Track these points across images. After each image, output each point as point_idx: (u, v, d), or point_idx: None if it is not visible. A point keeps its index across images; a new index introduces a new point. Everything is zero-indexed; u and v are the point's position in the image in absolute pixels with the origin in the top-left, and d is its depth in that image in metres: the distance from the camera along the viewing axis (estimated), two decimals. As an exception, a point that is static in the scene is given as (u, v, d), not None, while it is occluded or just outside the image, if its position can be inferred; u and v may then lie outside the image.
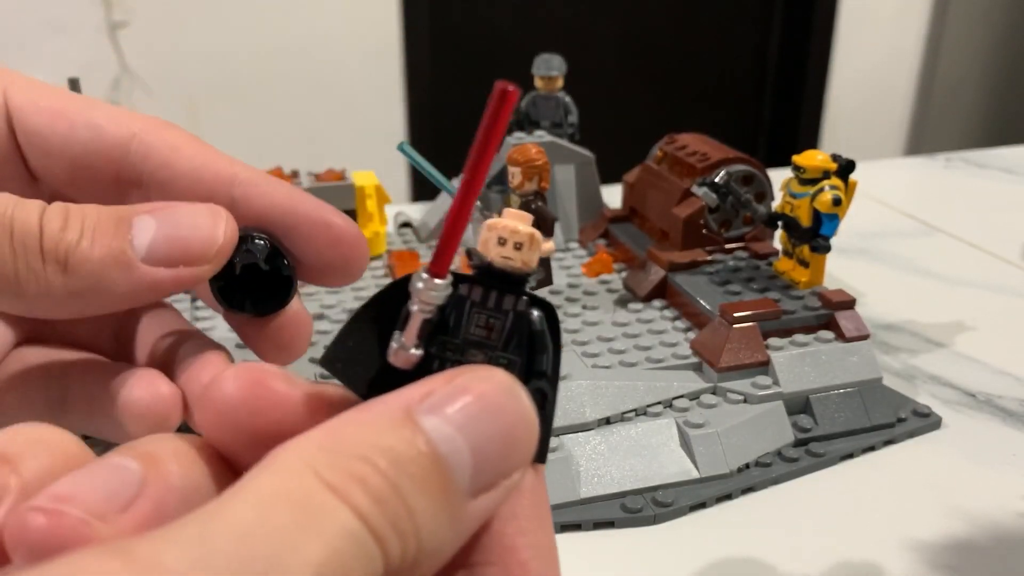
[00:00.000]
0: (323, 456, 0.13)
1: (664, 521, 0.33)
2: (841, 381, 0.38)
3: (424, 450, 0.13)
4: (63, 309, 0.20)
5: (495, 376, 0.14)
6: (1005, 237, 0.62)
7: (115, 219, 0.20)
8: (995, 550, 0.32)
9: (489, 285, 0.16)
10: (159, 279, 0.20)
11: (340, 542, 0.12)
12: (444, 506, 0.13)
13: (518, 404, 0.14)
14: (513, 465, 0.14)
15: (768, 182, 0.46)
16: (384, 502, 0.12)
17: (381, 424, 0.13)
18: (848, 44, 1.98)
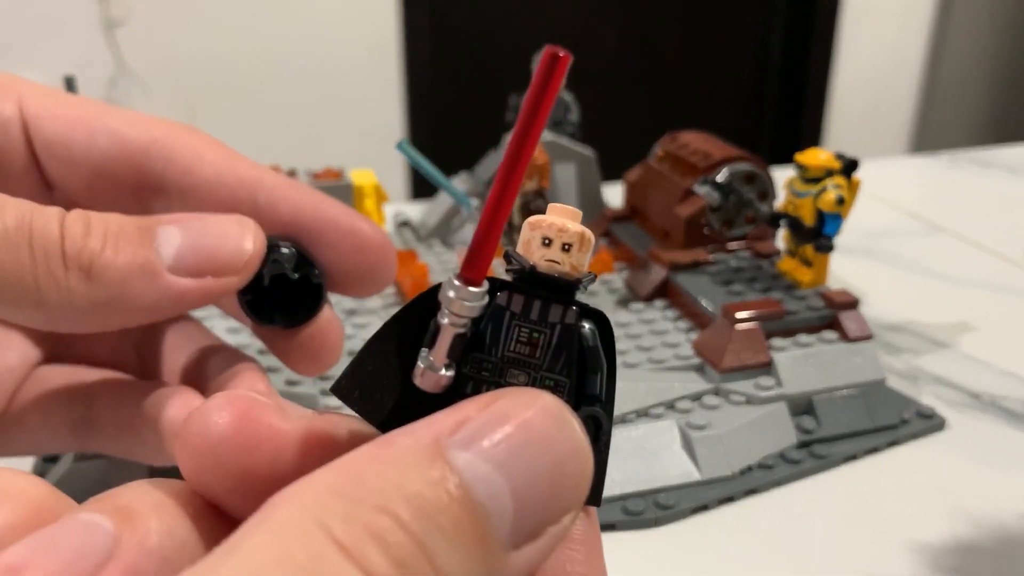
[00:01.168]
0: (334, 506, 0.11)
1: (666, 524, 0.33)
2: (844, 382, 0.38)
3: (456, 495, 0.11)
4: (86, 321, 0.19)
5: (541, 401, 0.12)
6: (1010, 237, 0.61)
7: (139, 227, 0.19)
8: (999, 552, 0.32)
9: (532, 294, 0.14)
10: (186, 290, 0.19)
11: None
12: (480, 562, 0.11)
13: (569, 435, 0.12)
14: (562, 509, 0.12)
15: (771, 181, 0.46)
16: (407, 566, 0.10)
17: (405, 462, 0.11)
18: (852, 42, 1.98)
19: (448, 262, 0.49)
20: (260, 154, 0.79)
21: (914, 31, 2.01)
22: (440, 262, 0.49)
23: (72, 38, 1.47)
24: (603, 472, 0.14)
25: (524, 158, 0.13)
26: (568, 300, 0.14)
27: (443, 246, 0.52)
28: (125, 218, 0.19)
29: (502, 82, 0.78)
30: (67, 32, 1.47)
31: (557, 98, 0.52)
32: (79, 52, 1.47)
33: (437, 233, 0.52)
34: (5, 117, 0.22)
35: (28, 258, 0.18)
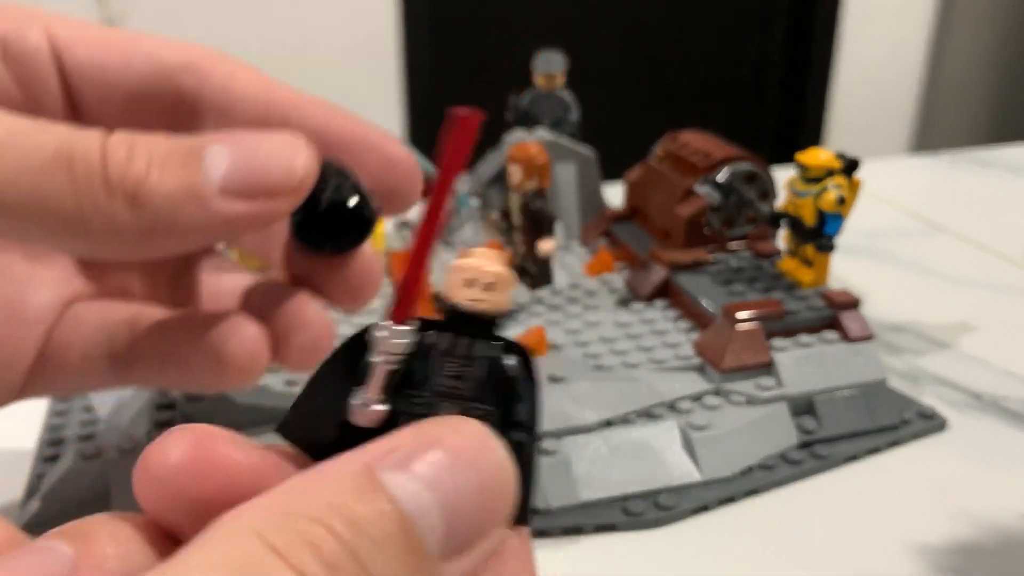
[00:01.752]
0: (270, 519, 0.12)
1: (666, 524, 0.33)
2: (845, 382, 0.38)
3: (387, 509, 0.12)
4: (133, 249, 0.18)
5: (466, 427, 0.13)
6: (1011, 237, 0.61)
7: (185, 149, 0.18)
8: (1000, 553, 0.32)
9: (458, 331, 0.15)
10: (236, 214, 0.18)
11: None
12: (411, 571, 0.12)
13: (493, 455, 0.13)
14: (491, 524, 0.13)
15: (771, 181, 0.45)
16: (338, 568, 0.11)
17: (338, 484, 0.12)
18: (852, 41, 1.98)
19: (447, 261, 0.49)
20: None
21: (915, 31, 2.01)
22: (439, 262, 0.49)
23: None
24: (530, 493, 0.15)
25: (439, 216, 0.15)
26: (491, 335, 0.15)
27: (442, 245, 0.52)
28: (171, 139, 0.18)
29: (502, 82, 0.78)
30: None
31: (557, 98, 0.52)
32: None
33: (437, 233, 0.52)
34: (33, 46, 0.21)
35: (69, 186, 0.17)
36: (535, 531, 0.32)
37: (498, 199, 0.51)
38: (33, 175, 0.17)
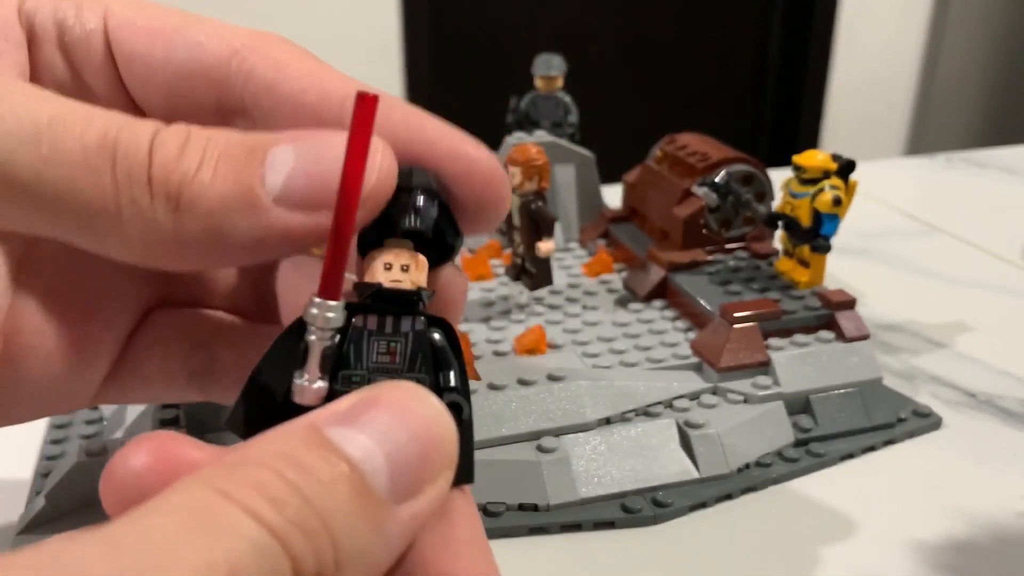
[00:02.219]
0: (221, 470, 0.12)
1: (664, 521, 0.33)
2: (841, 381, 0.38)
3: (333, 456, 0.13)
4: (176, 257, 0.16)
5: (403, 385, 0.14)
6: (1006, 237, 0.61)
7: (248, 148, 0.16)
8: (996, 550, 0.32)
9: (384, 311, 0.16)
10: (293, 227, 0.16)
11: (234, 545, 0.11)
12: (362, 510, 0.13)
13: (430, 406, 0.14)
14: (436, 469, 0.14)
15: (768, 182, 0.46)
16: (287, 505, 0.12)
17: (285, 439, 0.13)
18: (848, 44, 1.98)
19: (448, 263, 0.50)
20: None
21: (911, 34, 2.01)
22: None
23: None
24: (470, 452, 0.16)
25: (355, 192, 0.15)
26: (415, 311, 0.16)
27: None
28: (235, 136, 0.16)
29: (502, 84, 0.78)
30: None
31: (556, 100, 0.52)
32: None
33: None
34: (89, 30, 0.19)
35: (110, 180, 0.15)
36: (534, 528, 0.33)
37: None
38: (72, 166, 0.15)
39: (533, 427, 0.34)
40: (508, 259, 0.44)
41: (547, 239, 0.40)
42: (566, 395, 0.35)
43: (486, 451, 0.33)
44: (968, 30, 2.00)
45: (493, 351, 0.39)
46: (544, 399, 0.35)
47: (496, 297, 0.45)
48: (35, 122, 0.15)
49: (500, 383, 0.35)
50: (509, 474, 0.33)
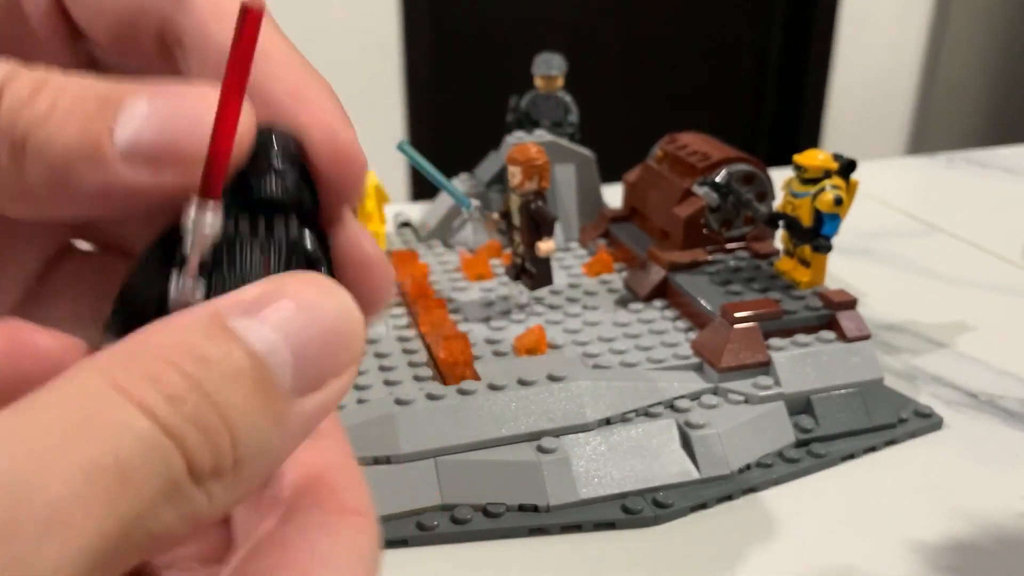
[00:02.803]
0: (115, 360, 0.12)
1: (665, 522, 0.33)
2: (842, 381, 0.38)
3: (236, 348, 0.12)
4: (15, 205, 0.15)
5: (312, 276, 0.13)
6: (1007, 237, 0.61)
7: (101, 96, 0.15)
8: (997, 551, 0.32)
9: (255, 215, 0.16)
10: (137, 184, 0.15)
11: (123, 443, 0.11)
12: (263, 403, 0.12)
13: (339, 299, 0.13)
14: (341, 363, 0.13)
15: (769, 182, 0.46)
16: (182, 399, 0.11)
17: (186, 328, 0.12)
18: (849, 43, 1.98)
19: (449, 262, 0.50)
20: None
21: (912, 33, 2.01)
22: (440, 262, 0.50)
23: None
24: None
25: (243, 76, 0.14)
26: (286, 212, 0.16)
27: (443, 246, 0.52)
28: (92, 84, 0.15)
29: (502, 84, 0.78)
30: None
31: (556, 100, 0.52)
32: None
33: (437, 234, 0.53)
34: None
35: None
36: (534, 529, 0.32)
37: (498, 200, 0.51)
38: None
39: (533, 427, 0.34)
40: (508, 259, 0.43)
41: (547, 239, 0.40)
42: (566, 395, 0.35)
43: (486, 452, 0.33)
44: (969, 30, 2.00)
45: (493, 351, 0.39)
46: (544, 399, 0.35)
47: (496, 297, 0.45)
48: None
49: (500, 383, 0.35)
50: (509, 475, 0.33)
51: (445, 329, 0.39)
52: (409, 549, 0.32)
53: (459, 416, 0.34)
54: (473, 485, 0.33)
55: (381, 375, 0.37)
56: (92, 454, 0.11)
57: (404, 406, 0.34)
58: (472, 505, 0.33)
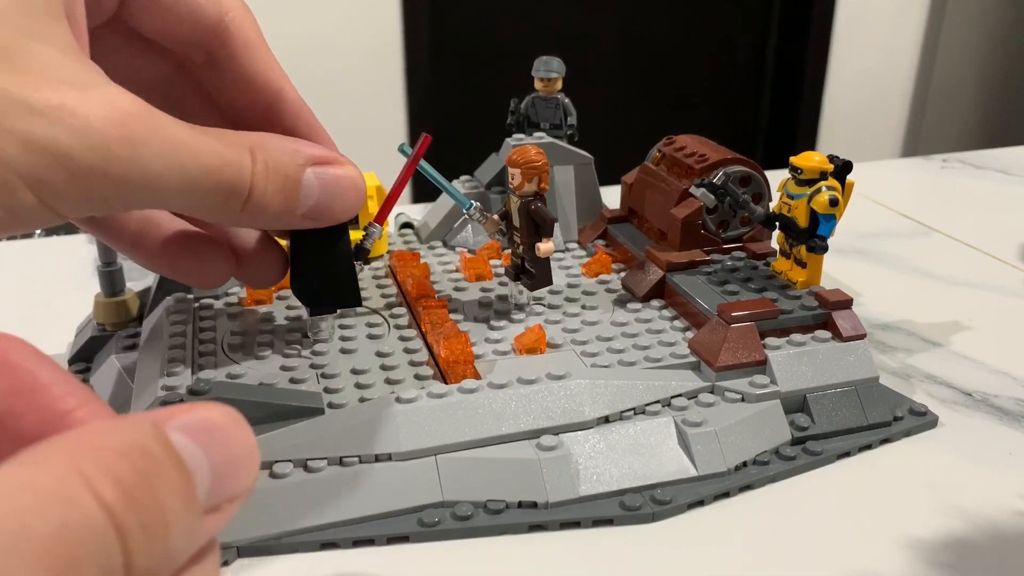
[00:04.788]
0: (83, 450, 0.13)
1: (662, 519, 0.34)
2: (838, 380, 0.38)
3: (175, 457, 0.14)
4: (238, 225, 0.32)
5: (230, 411, 0.15)
6: (1002, 238, 0.62)
7: (292, 181, 0.27)
8: (992, 548, 0.32)
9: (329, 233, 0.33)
10: (301, 225, 0.29)
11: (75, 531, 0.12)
12: (188, 512, 0.14)
13: (248, 436, 0.15)
14: (239, 491, 0.15)
15: (766, 183, 0.46)
16: (135, 500, 0.13)
17: (137, 430, 0.14)
18: (845, 46, 1.99)
19: (449, 263, 0.50)
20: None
21: (907, 35, 2.02)
22: (441, 263, 0.50)
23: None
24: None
25: (405, 179, 0.29)
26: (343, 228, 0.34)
27: (445, 248, 0.52)
28: (286, 170, 0.27)
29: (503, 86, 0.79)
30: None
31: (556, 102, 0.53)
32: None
33: (438, 235, 0.53)
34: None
35: (221, 205, 0.25)
36: (533, 525, 0.33)
37: (498, 201, 0.52)
38: (191, 187, 0.24)
39: (533, 425, 0.34)
40: (508, 260, 0.44)
41: (546, 240, 0.41)
42: (566, 394, 0.35)
43: (487, 449, 0.34)
44: (964, 32, 2.01)
45: (493, 350, 0.40)
46: (544, 398, 0.35)
47: (496, 297, 0.45)
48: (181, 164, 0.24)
49: (500, 382, 0.35)
50: (509, 472, 0.33)
51: (446, 328, 0.40)
52: (411, 545, 0.32)
53: (460, 414, 0.34)
54: (474, 482, 0.33)
55: (383, 374, 0.37)
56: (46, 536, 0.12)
57: (405, 404, 0.34)
58: (473, 502, 0.33)
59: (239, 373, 0.37)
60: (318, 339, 0.40)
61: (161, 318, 0.41)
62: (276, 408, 0.33)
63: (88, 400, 0.16)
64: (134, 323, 0.43)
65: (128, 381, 0.39)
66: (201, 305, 0.44)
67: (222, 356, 0.39)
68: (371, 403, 0.35)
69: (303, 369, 0.37)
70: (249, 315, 0.43)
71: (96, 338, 0.43)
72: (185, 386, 0.35)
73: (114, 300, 0.43)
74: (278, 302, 0.44)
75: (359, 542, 0.32)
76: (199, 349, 0.39)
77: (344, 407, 0.35)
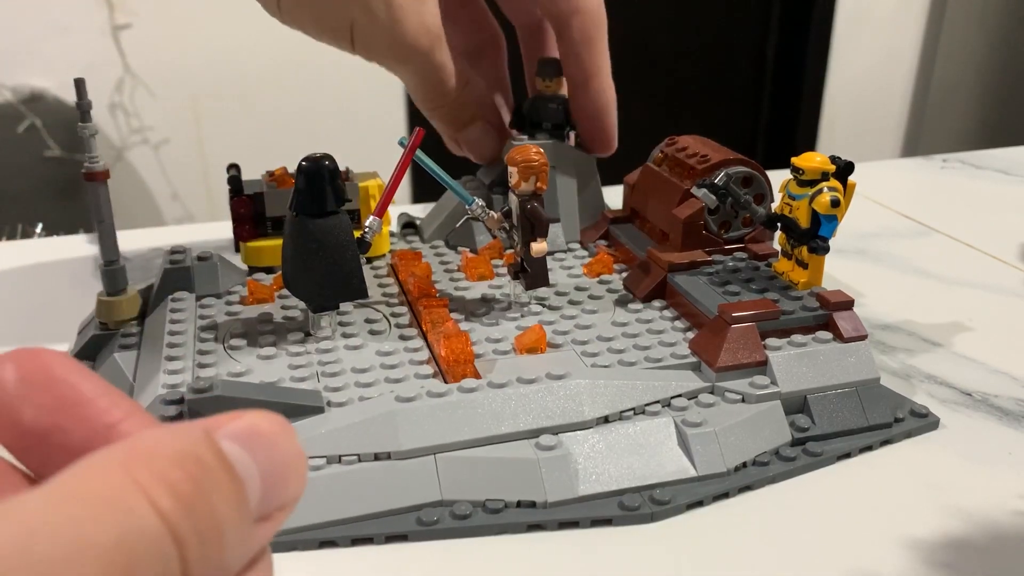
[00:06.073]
0: (136, 458, 0.13)
1: (661, 519, 0.34)
2: (839, 381, 0.38)
3: (227, 465, 0.14)
4: None
5: (274, 416, 0.15)
6: (1001, 237, 0.62)
7: None
8: (992, 548, 0.32)
9: None
10: None
11: (132, 539, 0.12)
12: (242, 520, 0.14)
13: (296, 444, 0.15)
14: (290, 499, 0.15)
15: (768, 184, 0.46)
16: (190, 508, 0.13)
17: (190, 437, 0.14)
18: (845, 46, 1.99)
19: (451, 262, 0.50)
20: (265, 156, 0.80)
21: (907, 35, 2.02)
22: (443, 262, 0.50)
23: (80, 42, 1.48)
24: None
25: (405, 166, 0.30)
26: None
27: (446, 247, 0.52)
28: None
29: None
30: (75, 36, 1.48)
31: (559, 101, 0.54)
32: (87, 56, 1.48)
33: (440, 234, 0.53)
34: None
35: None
36: (532, 525, 0.33)
37: (501, 201, 0.52)
38: None
39: (532, 425, 0.34)
40: (510, 259, 0.44)
41: (540, 240, 0.41)
42: (565, 394, 0.35)
43: (486, 448, 0.34)
44: (964, 33, 2.00)
45: (493, 350, 0.40)
46: (543, 397, 0.35)
47: (497, 296, 0.45)
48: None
49: (500, 381, 0.35)
50: (508, 471, 0.33)
51: (446, 328, 0.40)
52: (409, 544, 0.32)
53: (459, 413, 0.34)
54: (473, 481, 0.33)
55: (383, 372, 0.37)
56: (105, 545, 0.12)
57: (405, 403, 0.34)
58: (472, 501, 0.33)
59: (240, 371, 0.37)
60: (319, 337, 0.40)
61: (163, 316, 0.41)
62: (276, 406, 0.33)
63: (133, 411, 0.16)
64: (136, 321, 0.43)
65: (130, 379, 0.39)
66: (203, 303, 0.44)
67: (223, 354, 0.39)
68: (371, 402, 0.35)
69: (304, 367, 0.37)
70: (250, 313, 0.43)
71: (98, 336, 0.43)
72: (187, 384, 0.35)
73: (116, 298, 0.43)
74: (279, 300, 0.44)
75: (358, 541, 0.32)
76: (200, 347, 0.39)
77: (344, 406, 0.35)
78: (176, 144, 1.57)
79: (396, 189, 0.41)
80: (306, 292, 0.39)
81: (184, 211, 1.64)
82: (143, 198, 1.62)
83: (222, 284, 0.45)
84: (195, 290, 0.44)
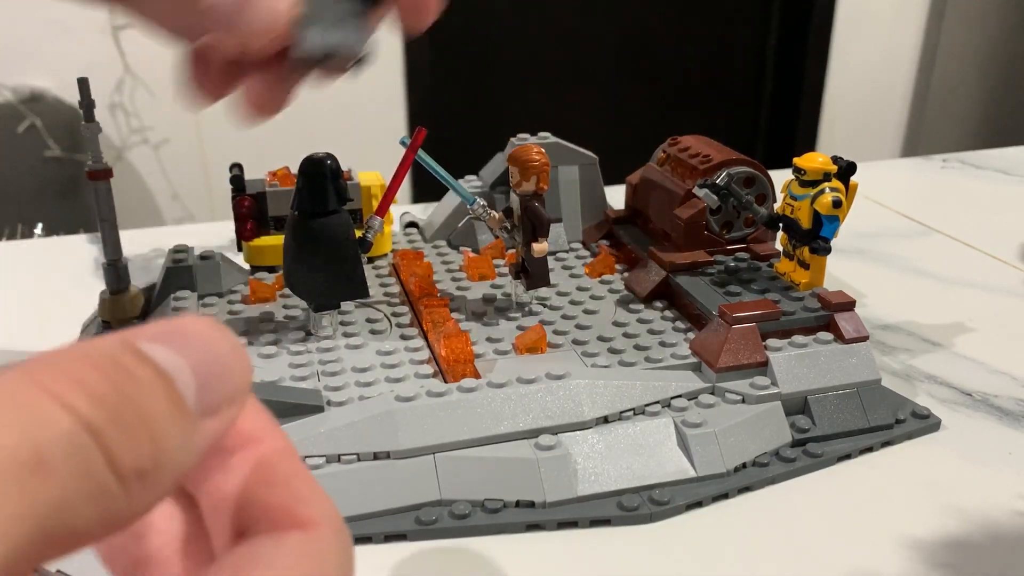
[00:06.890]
0: (44, 365, 0.12)
1: (660, 520, 0.33)
2: (839, 382, 0.38)
3: (147, 363, 0.13)
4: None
5: (202, 317, 0.15)
6: (1002, 237, 0.62)
7: None
8: (992, 548, 0.32)
9: None
10: None
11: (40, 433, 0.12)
12: (175, 414, 0.13)
13: (230, 339, 0.15)
14: (233, 392, 0.15)
15: (770, 184, 0.46)
16: (103, 399, 0.12)
17: (102, 345, 0.13)
18: (845, 46, 1.99)
19: (453, 262, 0.50)
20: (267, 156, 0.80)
21: (907, 35, 2.02)
22: (444, 262, 0.50)
23: (80, 42, 1.48)
24: None
25: (401, 176, 0.29)
26: None
27: (448, 246, 0.52)
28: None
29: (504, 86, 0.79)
30: (75, 36, 1.47)
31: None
32: (87, 56, 1.47)
33: (442, 234, 0.53)
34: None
35: None
36: (531, 525, 0.33)
37: (503, 201, 0.52)
38: None
39: (532, 425, 0.34)
40: (512, 258, 0.44)
41: (541, 240, 0.41)
42: (565, 394, 0.35)
43: (485, 448, 0.34)
44: (964, 32, 2.00)
45: (494, 350, 0.40)
46: (543, 397, 0.35)
47: (498, 296, 0.45)
48: None
49: (500, 381, 0.35)
50: (507, 471, 0.33)
51: (447, 327, 0.40)
52: (408, 543, 0.32)
53: (459, 413, 0.34)
54: (472, 481, 0.33)
55: (383, 372, 0.37)
56: (9, 445, 0.11)
57: (405, 402, 0.34)
58: (471, 501, 0.33)
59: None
60: (321, 336, 0.40)
61: (165, 315, 0.41)
62: (276, 405, 0.33)
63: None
64: (139, 320, 0.43)
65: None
66: (205, 302, 0.44)
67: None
68: (371, 401, 0.35)
69: (304, 366, 0.37)
70: (252, 312, 0.43)
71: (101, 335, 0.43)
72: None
73: (119, 297, 0.43)
74: (281, 299, 0.44)
75: (357, 540, 0.32)
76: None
77: (344, 405, 0.35)
78: (176, 144, 1.57)
79: (398, 188, 0.40)
80: (307, 291, 0.39)
81: (184, 211, 1.64)
82: (143, 198, 1.62)
83: (224, 283, 0.45)
84: (197, 289, 0.44)
